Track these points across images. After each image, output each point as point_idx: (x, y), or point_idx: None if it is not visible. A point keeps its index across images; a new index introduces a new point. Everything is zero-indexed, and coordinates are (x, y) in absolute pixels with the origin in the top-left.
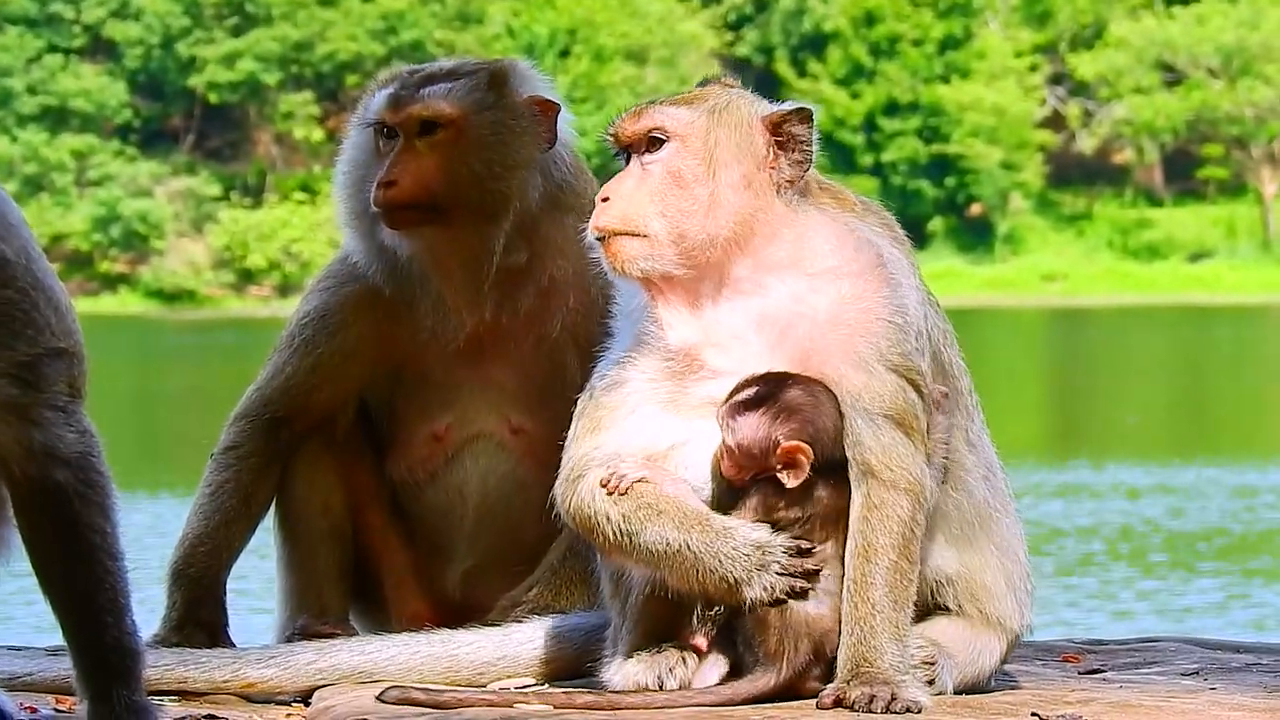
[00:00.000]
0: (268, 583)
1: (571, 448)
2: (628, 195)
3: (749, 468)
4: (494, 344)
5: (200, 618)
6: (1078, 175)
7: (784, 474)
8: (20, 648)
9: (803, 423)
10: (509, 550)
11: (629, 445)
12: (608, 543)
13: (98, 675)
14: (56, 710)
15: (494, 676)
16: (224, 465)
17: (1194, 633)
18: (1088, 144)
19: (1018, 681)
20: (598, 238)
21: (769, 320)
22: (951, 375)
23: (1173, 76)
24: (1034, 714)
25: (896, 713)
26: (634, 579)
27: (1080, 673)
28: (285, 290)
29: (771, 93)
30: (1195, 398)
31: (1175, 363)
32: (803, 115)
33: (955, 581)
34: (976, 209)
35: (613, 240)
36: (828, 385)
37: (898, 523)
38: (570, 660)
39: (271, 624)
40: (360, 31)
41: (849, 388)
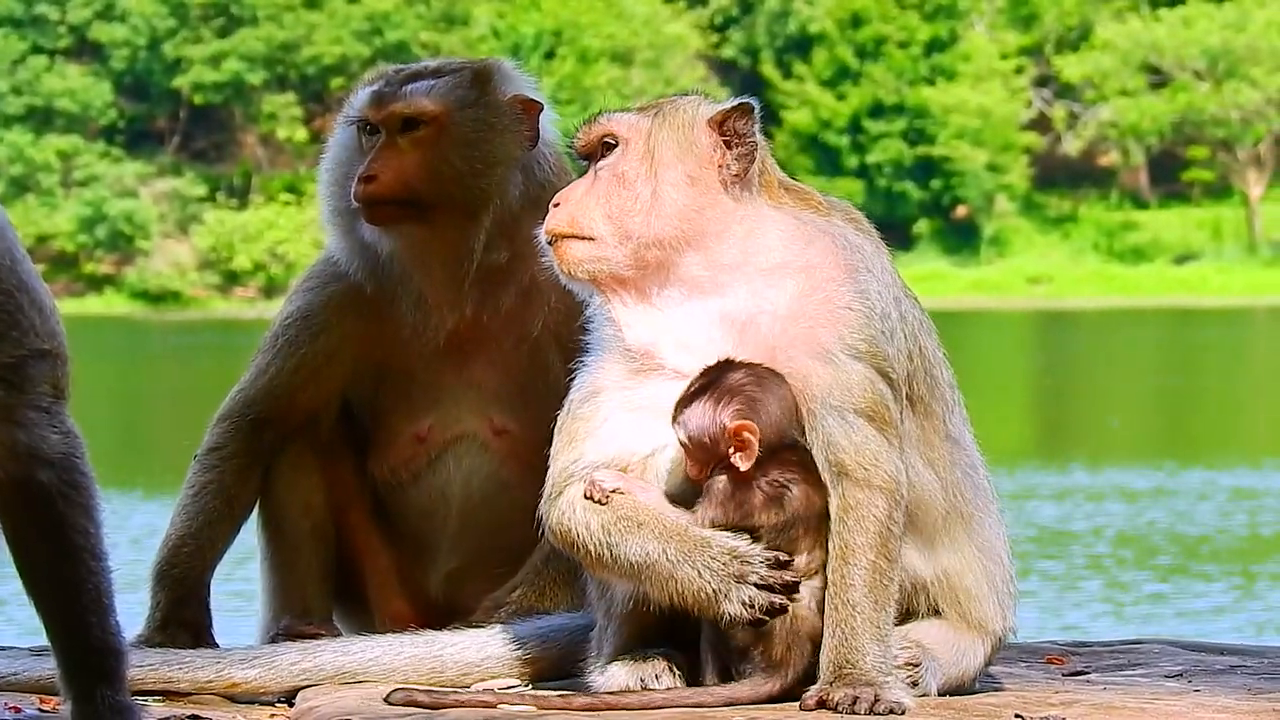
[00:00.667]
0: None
1: (552, 465)
2: (576, 199)
3: (708, 460)
4: (476, 344)
5: (184, 618)
6: (1063, 177)
7: (736, 458)
8: (4, 647)
9: (745, 401)
10: (492, 551)
11: (604, 455)
12: (590, 556)
13: (81, 675)
14: (40, 710)
15: (478, 677)
16: (207, 466)
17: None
18: (1073, 146)
19: (1001, 683)
20: (548, 241)
21: (729, 319)
22: (931, 364)
23: (1158, 79)
24: (1017, 715)
25: (880, 714)
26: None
27: (1064, 675)
28: (271, 291)
29: (757, 94)
30: (1180, 400)
31: (1160, 365)
32: (744, 110)
33: (935, 584)
34: (962, 211)
35: (560, 243)
36: (788, 379)
37: (874, 522)
38: (554, 661)
39: (255, 625)
40: (345, 33)
41: (817, 384)
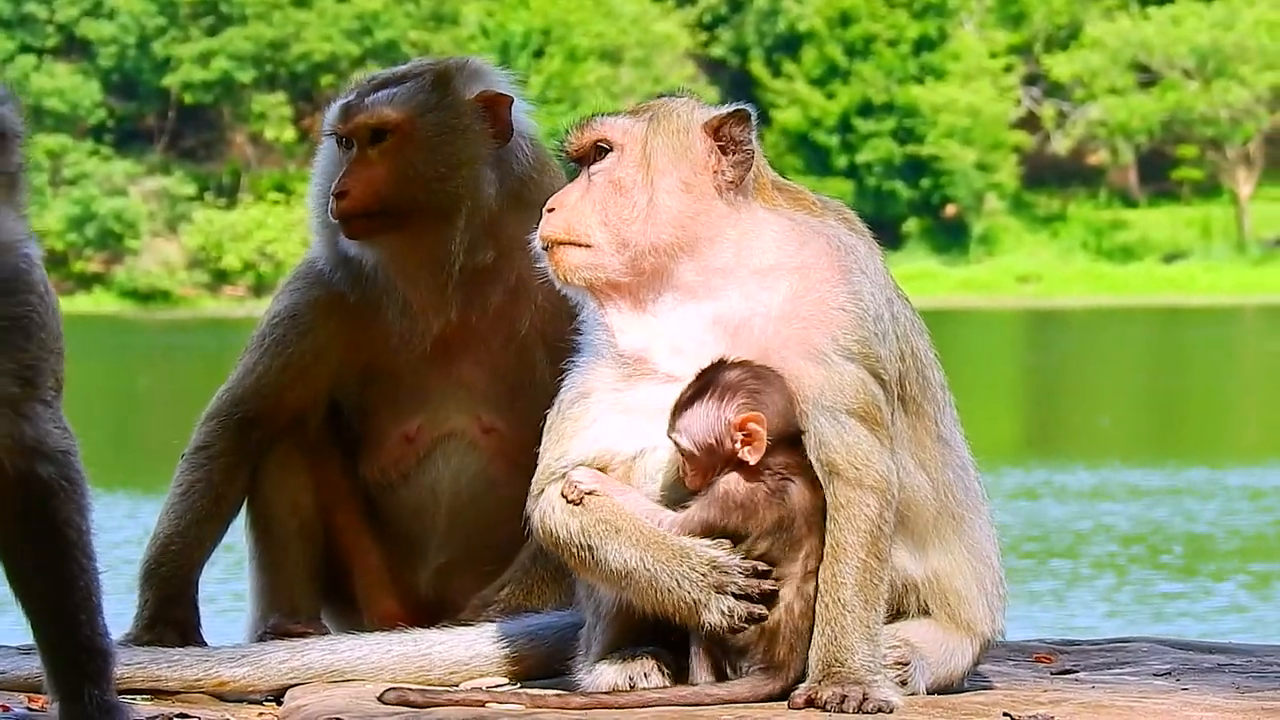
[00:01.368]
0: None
1: (538, 464)
2: (572, 205)
3: (712, 464)
4: (463, 344)
5: (172, 616)
6: (1053, 176)
7: (744, 451)
8: None
9: (748, 395)
10: (481, 549)
11: (588, 454)
12: (573, 558)
13: (70, 674)
14: (29, 709)
15: (466, 675)
16: (195, 465)
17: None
18: (1063, 145)
19: (990, 682)
20: (543, 247)
21: (722, 322)
22: (923, 365)
23: (1148, 77)
24: (1006, 714)
25: (868, 713)
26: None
27: (1053, 673)
28: (259, 290)
29: (746, 93)
30: (1169, 399)
31: (1150, 364)
32: (740, 117)
33: (925, 584)
34: (951, 210)
35: (556, 250)
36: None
37: (865, 521)
38: (542, 660)
39: (243, 623)
40: (335, 32)
41: (809, 384)
